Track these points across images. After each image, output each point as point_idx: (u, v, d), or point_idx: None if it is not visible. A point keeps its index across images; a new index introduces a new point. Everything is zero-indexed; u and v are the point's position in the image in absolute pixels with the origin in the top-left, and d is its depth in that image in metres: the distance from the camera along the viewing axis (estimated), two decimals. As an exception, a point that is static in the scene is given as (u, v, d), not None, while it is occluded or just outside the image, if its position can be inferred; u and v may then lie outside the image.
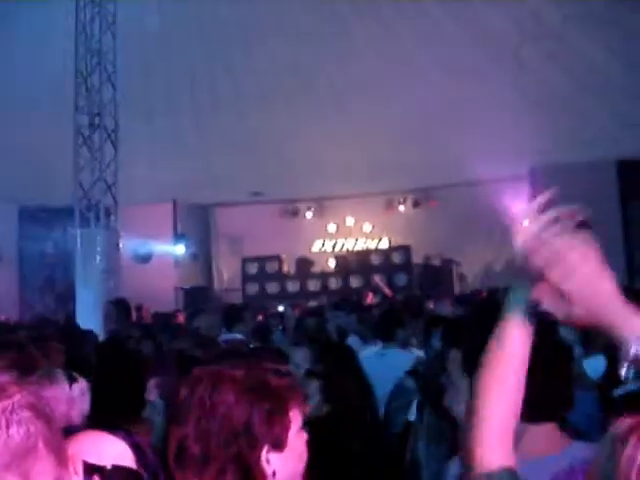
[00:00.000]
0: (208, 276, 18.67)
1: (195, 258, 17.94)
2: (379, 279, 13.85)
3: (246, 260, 16.95)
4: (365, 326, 6.47)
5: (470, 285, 15.68)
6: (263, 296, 16.00)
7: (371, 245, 17.45)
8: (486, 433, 1.27)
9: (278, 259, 16.75)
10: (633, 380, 1.11)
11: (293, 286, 16.55)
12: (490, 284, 13.01)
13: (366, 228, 17.70)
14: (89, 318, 8.36)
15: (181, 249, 17.01)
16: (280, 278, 16.73)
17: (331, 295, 14.34)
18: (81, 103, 10.29)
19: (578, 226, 1.16)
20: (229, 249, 18.43)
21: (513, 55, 11.96)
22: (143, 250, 16.35)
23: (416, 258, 16.11)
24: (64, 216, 12.93)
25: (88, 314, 8.83)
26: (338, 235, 17.95)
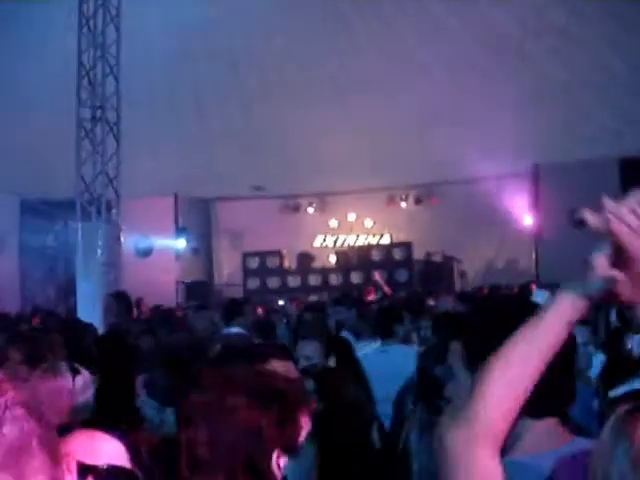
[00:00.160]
0: (209, 270, 18.67)
1: (196, 252, 17.93)
2: (379, 276, 13.81)
3: (247, 255, 16.94)
4: (365, 322, 6.46)
5: (471, 282, 15.66)
6: (264, 291, 15.99)
7: (372, 241, 17.42)
8: (485, 413, 1.19)
9: (279, 254, 16.74)
10: None
11: (294, 281, 16.54)
12: (491, 281, 13.00)
13: (367, 224, 17.67)
14: (89, 311, 8.35)
15: (182, 243, 16.99)
16: (281, 273, 16.72)
17: (332, 290, 14.34)
18: (83, 96, 10.27)
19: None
20: (230, 244, 18.41)
21: (516, 52, 11.96)
22: (144, 244, 16.34)
23: (417, 254, 16.10)
24: (65, 209, 12.93)
25: (89, 307, 8.83)
26: (339, 231, 17.91)
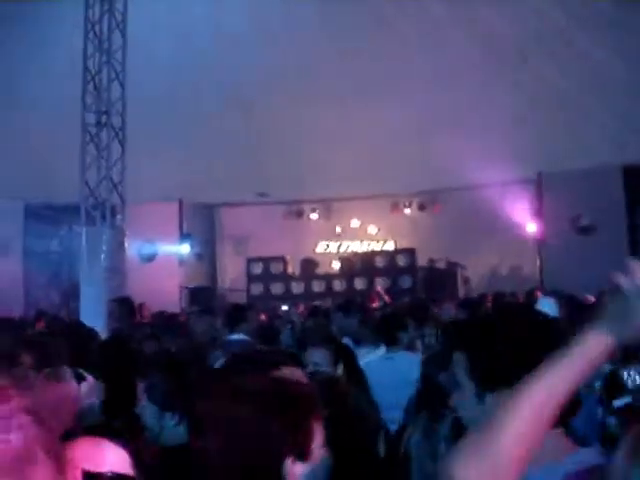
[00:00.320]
0: (213, 276, 18.67)
1: (200, 258, 17.93)
2: (380, 288, 13.81)
3: (251, 260, 16.93)
4: (367, 329, 6.41)
5: (474, 289, 15.62)
6: (267, 297, 15.98)
7: (376, 247, 17.41)
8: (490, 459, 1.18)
9: (283, 260, 16.73)
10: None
11: (297, 287, 16.52)
12: (495, 287, 12.96)
13: (371, 230, 17.67)
14: (93, 316, 8.35)
15: (186, 248, 17.00)
16: (285, 279, 16.71)
17: (335, 297, 14.30)
18: (89, 101, 10.29)
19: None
20: (234, 249, 18.42)
21: (518, 58, 11.97)
22: (148, 249, 16.36)
23: (421, 261, 16.08)
24: (69, 214, 12.94)
25: (92, 312, 8.83)
26: (343, 237, 17.91)
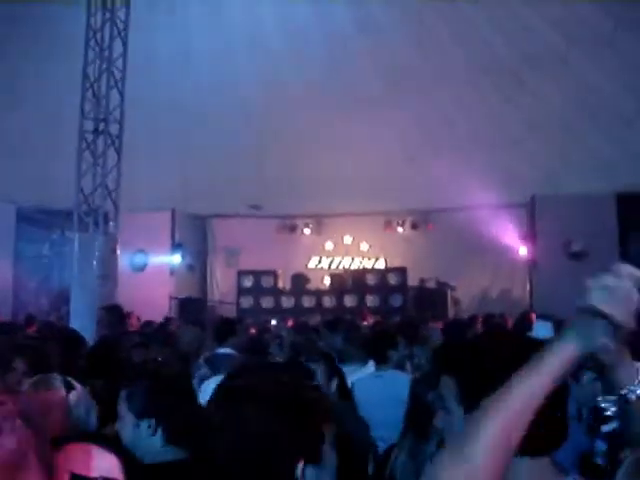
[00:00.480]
0: (203, 287, 18.62)
1: (191, 268, 17.88)
2: (366, 309, 13.97)
3: (242, 273, 16.91)
4: (352, 347, 6.32)
5: (465, 310, 15.63)
6: (257, 310, 15.93)
7: (367, 265, 17.41)
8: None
9: (274, 274, 16.71)
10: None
11: (287, 302, 16.48)
12: (485, 309, 12.97)
13: (363, 247, 17.67)
14: (83, 322, 8.31)
15: (177, 259, 16.97)
16: (275, 293, 16.67)
17: (325, 313, 14.29)
18: (87, 108, 10.30)
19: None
20: (225, 261, 18.39)
21: (515, 81, 12.06)
22: (139, 258, 16.32)
23: (412, 280, 16.09)
24: (62, 219, 12.91)
25: (82, 318, 8.79)
26: (335, 253, 17.91)
